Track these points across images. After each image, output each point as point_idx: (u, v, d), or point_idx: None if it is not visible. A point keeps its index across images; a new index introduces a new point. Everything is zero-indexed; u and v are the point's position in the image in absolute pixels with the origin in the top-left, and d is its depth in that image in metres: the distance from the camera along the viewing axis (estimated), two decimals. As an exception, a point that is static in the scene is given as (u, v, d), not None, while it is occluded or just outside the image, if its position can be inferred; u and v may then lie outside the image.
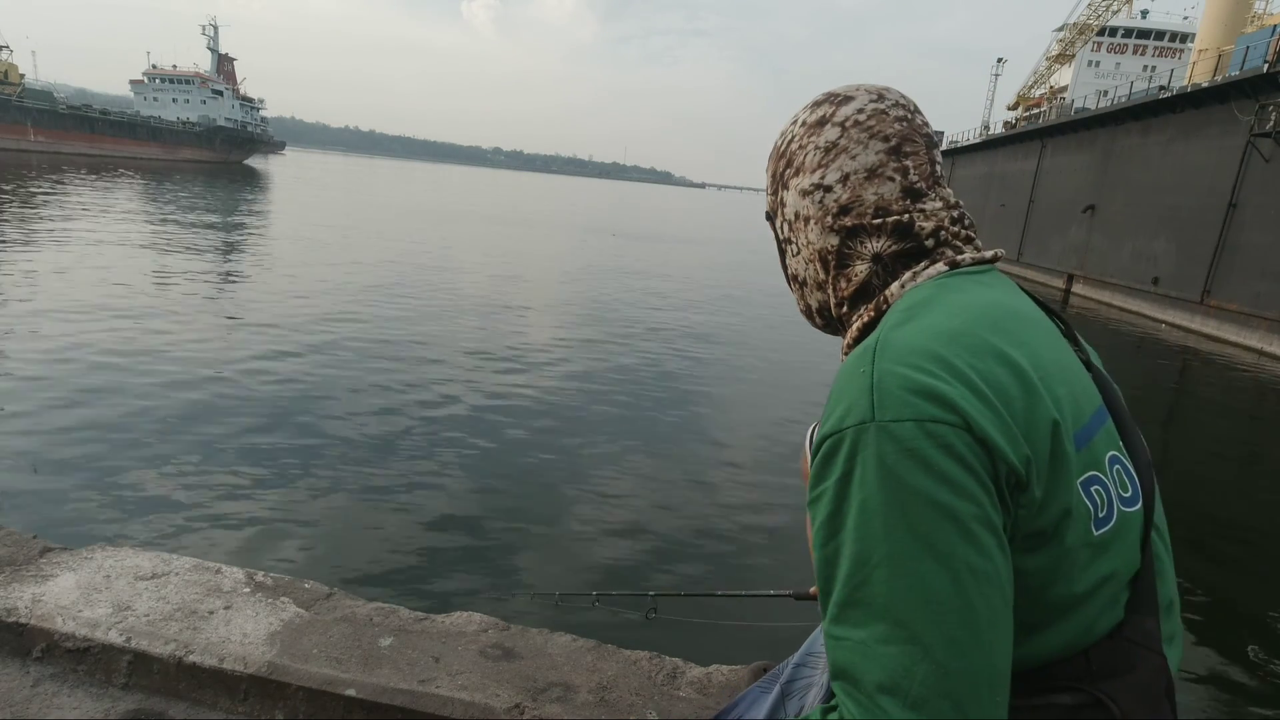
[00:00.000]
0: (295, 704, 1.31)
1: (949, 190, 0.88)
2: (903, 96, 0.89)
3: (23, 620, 1.38)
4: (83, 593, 1.47)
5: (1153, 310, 20.02)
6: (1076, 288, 24.83)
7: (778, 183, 0.94)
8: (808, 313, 0.98)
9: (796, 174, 0.91)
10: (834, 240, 0.88)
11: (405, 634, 1.45)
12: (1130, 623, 0.72)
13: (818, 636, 1.09)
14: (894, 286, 0.83)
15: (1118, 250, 22.42)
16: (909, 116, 0.87)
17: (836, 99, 0.90)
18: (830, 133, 0.88)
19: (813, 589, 1.55)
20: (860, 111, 0.87)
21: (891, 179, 0.85)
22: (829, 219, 0.87)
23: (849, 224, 0.86)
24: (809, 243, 0.91)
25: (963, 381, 0.66)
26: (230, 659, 1.33)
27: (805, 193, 0.90)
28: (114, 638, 1.36)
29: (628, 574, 4.70)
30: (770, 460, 6.86)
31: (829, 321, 0.96)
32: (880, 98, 0.88)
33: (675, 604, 1.66)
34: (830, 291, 0.91)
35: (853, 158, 0.86)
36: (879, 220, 0.85)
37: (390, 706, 1.28)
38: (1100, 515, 0.71)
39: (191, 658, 1.33)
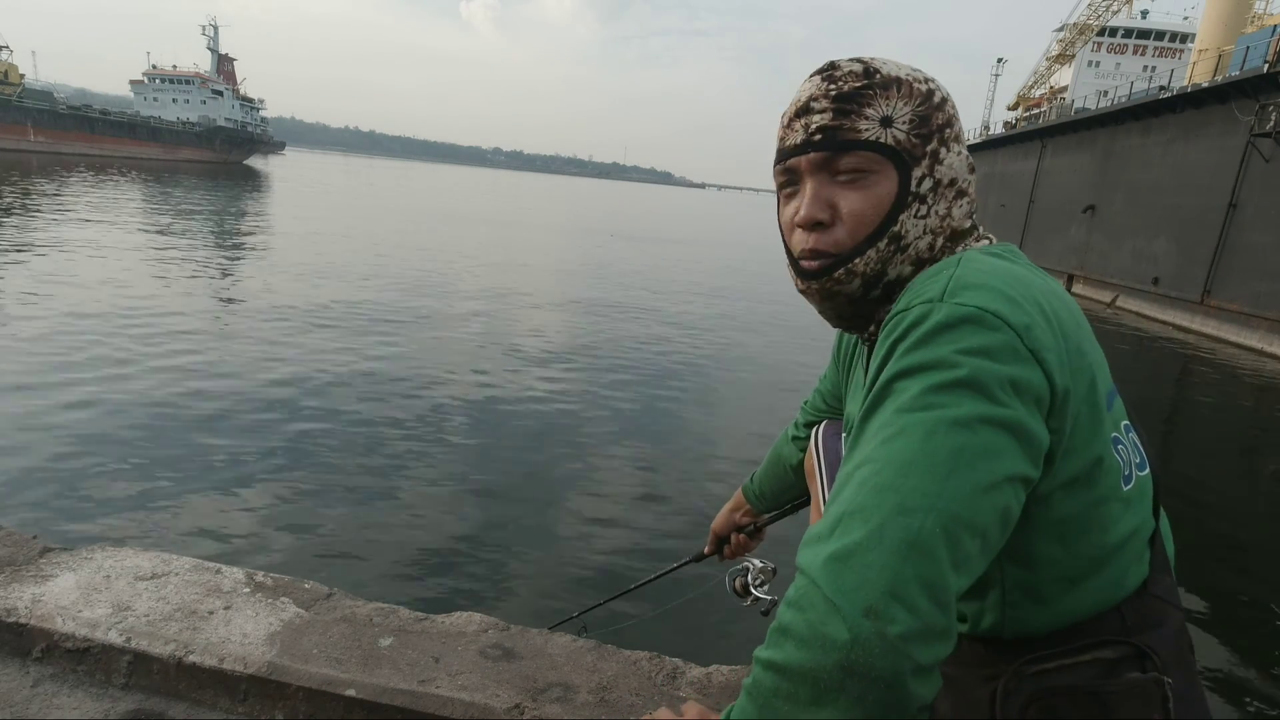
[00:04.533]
0: (295, 704, 1.31)
1: None
2: None
3: (23, 620, 1.38)
4: (83, 593, 1.47)
5: (1153, 310, 20.02)
6: (1076, 288, 24.83)
7: (932, 131, 0.81)
8: (872, 279, 0.82)
9: (958, 140, 0.83)
10: (968, 224, 0.85)
11: (405, 634, 1.45)
12: (1155, 580, 0.75)
13: None
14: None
15: (1118, 250, 22.42)
16: None
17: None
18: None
19: (704, 549, 1.66)
20: None
21: None
22: (975, 204, 0.86)
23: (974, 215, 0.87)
24: (947, 214, 0.82)
25: (1031, 303, 0.69)
26: (230, 659, 1.33)
27: (971, 167, 0.84)
28: (114, 638, 1.36)
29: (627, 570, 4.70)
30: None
31: (869, 297, 0.84)
32: None
33: (604, 614, 1.78)
34: (920, 268, 0.83)
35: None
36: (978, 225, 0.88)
37: (390, 706, 1.28)
38: (1125, 474, 0.75)
39: (191, 658, 1.33)
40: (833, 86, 0.81)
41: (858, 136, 0.79)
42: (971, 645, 0.79)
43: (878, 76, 0.80)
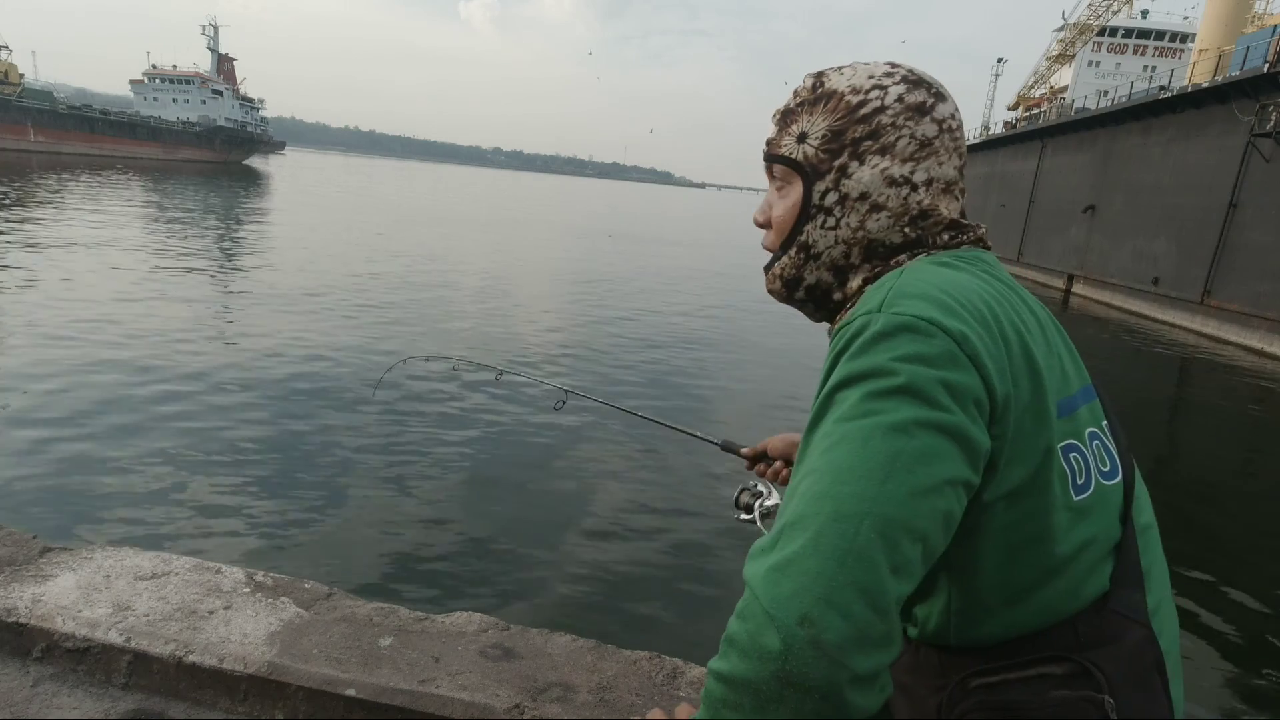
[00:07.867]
0: (295, 704, 1.32)
1: None
2: None
3: (23, 620, 1.38)
4: (83, 593, 1.47)
5: (1153, 310, 20.02)
6: (1076, 288, 24.83)
7: (844, 145, 0.82)
8: (790, 283, 0.88)
9: (882, 153, 0.81)
10: (897, 238, 0.82)
11: (405, 634, 1.45)
12: (1115, 594, 0.73)
13: None
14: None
15: (1118, 250, 22.42)
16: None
17: (934, 90, 0.83)
18: (929, 127, 0.81)
19: (744, 448, 1.51)
20: (953, 117, 0.83)
21: (957, 198, 0.85)
22: (905, 218, 0.81)
23: (917, 234, 0.82)
24: (859, 227, 0.82)
25: (970, 310, 0.70)
26: (230, 659, 1.33)
27: (891, 181, 0.81)
28: (114, 638, 1.36)
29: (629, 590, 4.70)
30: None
31: (814, 300, 0.88)
32: (954, 105, 0.86)
33: (587, 404, 1.57)
34: (850, 277, 0.84)
35: (940, 164, 0.82)
36: (947, 236, 0.83)
37: (390, 706, 1.28)
38: (1079, 482, 0.73)
39: (191, 658, 1.33)
40: (787, 102, 0.89)
41: (779, 151, 0.87)
42: (926, 654, 0.78)
43: (820, 90, 0.85)
